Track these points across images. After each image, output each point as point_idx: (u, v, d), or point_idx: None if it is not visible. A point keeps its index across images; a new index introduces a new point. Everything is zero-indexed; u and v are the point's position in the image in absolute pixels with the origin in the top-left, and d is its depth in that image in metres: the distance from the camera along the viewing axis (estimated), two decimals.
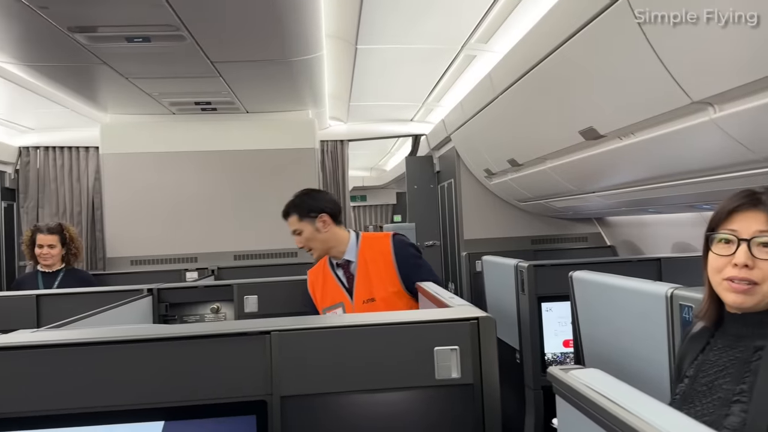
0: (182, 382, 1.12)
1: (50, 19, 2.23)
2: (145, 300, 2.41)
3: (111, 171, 4.43)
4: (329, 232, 2.25)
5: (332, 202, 2.35)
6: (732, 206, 1.20)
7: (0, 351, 1.10)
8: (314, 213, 2.26)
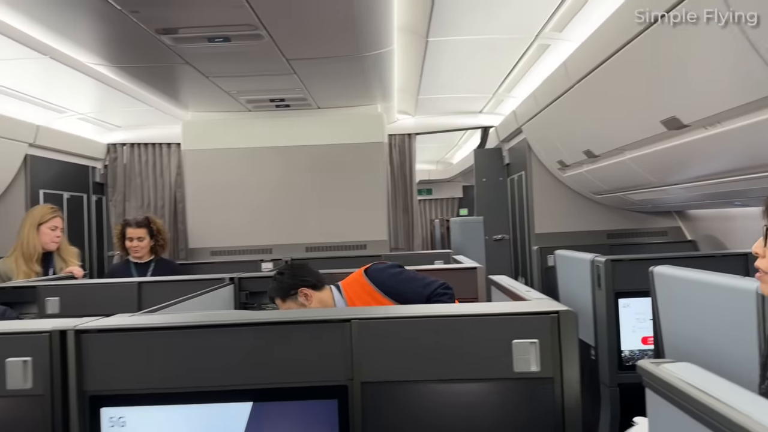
0: (269, 366, 1.18)
1: (140, 22, 2.37)
2: (227, 288, 2.53)
3: (192, 166, 4.65)
4: (315, 301, 2.21)
5: (307, 274, 2.28)
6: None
7: (104, 333, 1.20)
8: (293, 291, 2.22)
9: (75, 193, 4.82)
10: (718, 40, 1.81)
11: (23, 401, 1.17)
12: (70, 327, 1.18)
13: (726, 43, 1.77)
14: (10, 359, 1.16)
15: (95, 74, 3.37)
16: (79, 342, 1.18)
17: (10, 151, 3.93)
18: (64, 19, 2.47)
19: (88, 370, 1.18)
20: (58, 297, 2.48)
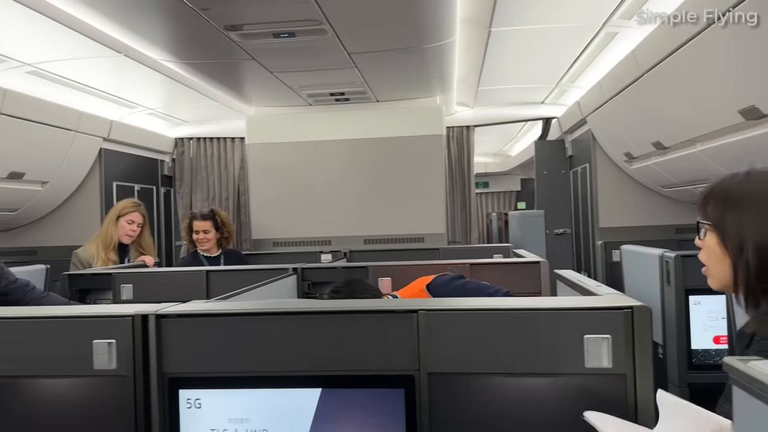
0: (338, 354, 1.20)
1: (209, 19, 2.45)
2: (291, 278, 2.59)
3: (255, 160, 4.78)
4: None
5: (364, 290, 2.09)
6: None
7: (183, 318, 1.25)
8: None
9: (145, 185, 5.05)
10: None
11: (109, 381, 1.24)
12: (151, 312, 1.24)
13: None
14: (96, 341, 1.23)
15: (165, 70, 3.51)
16: (159, 326, 1.23)
17: (87, 145, 4.15)
18: (139, 17, 2.59)
19: (167, 353, 1.24)
20: (131, 284, 2.60)
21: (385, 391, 1.20)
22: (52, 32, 2.71)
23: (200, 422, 1.22)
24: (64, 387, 1.26)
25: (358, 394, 1.20)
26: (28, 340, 1.26)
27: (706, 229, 1.25)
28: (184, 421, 1.22)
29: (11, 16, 2.55)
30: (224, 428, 1.21)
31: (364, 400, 1.20)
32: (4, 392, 1.27)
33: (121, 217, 3.17)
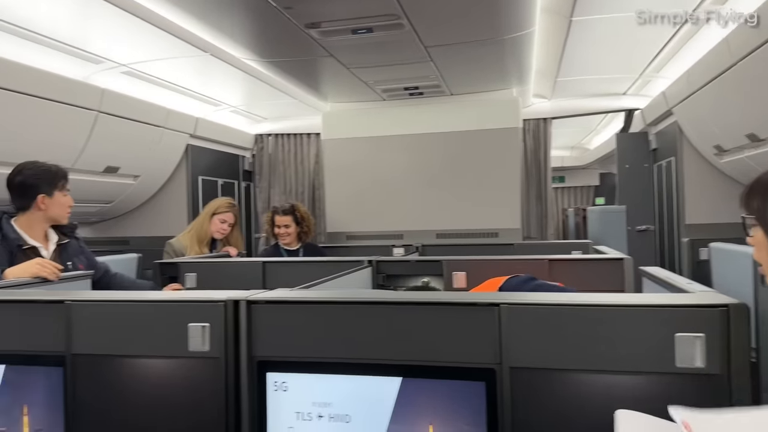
0: (419, 344, 1.21)
1: (291, 17, 2.53)
2: (365, 270, 2.63)
3: (330, 155, 4.88)
4: None
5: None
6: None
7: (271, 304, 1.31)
8: None
9: (227, 179, 5.28)
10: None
11: (203, 362, 1.31)
12: (242, 298, 1.30)
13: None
14: (191, 324, 1.31)
15: (247, 69, 3.65)
16: (249, 311, 1.30)
17: (175, 141, 4.39)
18: (225, 17, 2.70)
19: (256, 337, 1.30)
20: (195, 273, 2.70)
21: (465, 383, 1.20)
22: (145, 34, 2.88)
23: (286, 404, 1.27)
24: (163, 367, 1.35)
25: (439, 384, 1.22)
26: (130, 322, 1.36)
27: (752, 224, 1.21)
28: (271, 402, 1.28)
29: (109, 20, 2.74)
30: (308, 411, 1.26)
31: (444, 391, 1.22)
32: (109, 370, 1.37)
33: (216, 215, 3.32)
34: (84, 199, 4.00)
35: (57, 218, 2.27)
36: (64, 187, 2.28)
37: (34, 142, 3.11)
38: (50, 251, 2.23)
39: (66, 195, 2.29)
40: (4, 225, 2.14)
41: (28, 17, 2.61)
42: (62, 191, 2.27)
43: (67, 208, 2.29)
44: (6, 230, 2.13)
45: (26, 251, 2.13)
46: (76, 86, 3.24)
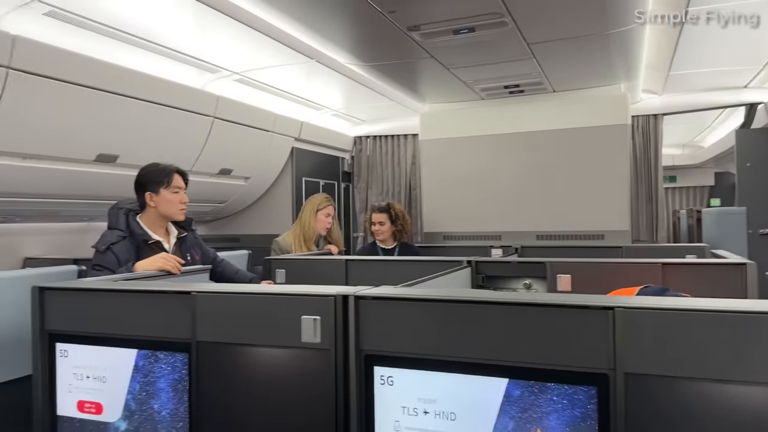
0: (526, 345, 1.20)
1: (394, 20, 2.58)
2: (465, 271, 2.62)
3: (428, 155, 4.90)
4: None
5: None
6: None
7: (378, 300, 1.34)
8: None
9: (328, 180, 5.46)
10: None
11: (314, 353, 1.38)
12: (351, 293, 1.35)
13: None
14: (304, 316, 1.38)
15: (348, 73, 3.76)
16: (357, 306, 1.34)
17: (282, 144, 4.61)
18: (330, 24, 2.80)
19: (364, 331, 1.34)
20: (284, 269, 2.80)
21: (575, 388, 1.17)
22: (257, 43, 3.05)
23: (392, 398, 1.30)
24: (278, 356, 1.43)
25: (547, 388, 1.19)
26: (249, 313, 1.45)
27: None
28: (378, 396, 1.32)
29: (225, 31, 2.93)
30: (414, 407, 1.28)
31: (552, 395, 1.19)
32: (229, 357, 1.47)
33: (320, 211, 3.45)
34: (200, 199, 4.31)
35: (168, 215, 2.39)
36: (170, 185, 2.37)
37: (159, 146, 3.39)
38: (171, 245, 2.42)
39: (176, 192, 2.38)
40: (130, 222, 2.33)
41: (154, 31, 2.85)
42: (169, 189, 2.36)
43: (177, 205, 2.39)
44: (132, 227, 2.32)
45: (151, 245, 2.31)
46: (195, 94, 3.50)
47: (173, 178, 2.38)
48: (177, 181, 2.39)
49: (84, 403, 1.65)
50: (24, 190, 2.89)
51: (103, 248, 2.21)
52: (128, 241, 2.27)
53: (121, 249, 2.22)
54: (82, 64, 2.71)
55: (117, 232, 2.28)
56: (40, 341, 1.68)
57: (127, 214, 2.35)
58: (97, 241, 2.28)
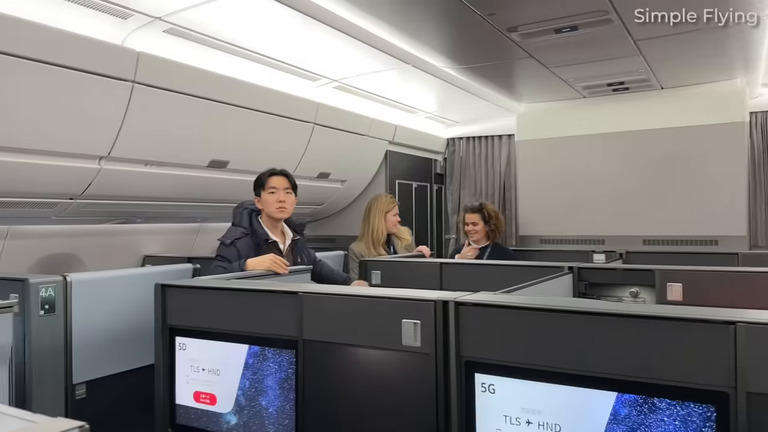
0: (638, 359, 1.15)
1: (493, 23, 2.56)
2: (566, 277, 2.54)
3: (525, 156, 4.79)
4: None
5: None
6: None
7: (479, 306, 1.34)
8: None
9: (421, 182, 5.49)
10: None
11: (414, 356, 1.40)
12: (451, 299, 1.36)
13: None
14: (405, 320, 1.40)
15: (443, 76, 3.76)
16: (457, 312, 1.35)
17: (376, 147, 4.69)
18: (427, 29, 2.83)
19: (464, 337, 1.34)
20: (379, 271, 2.83)
21: (690, 406, 1.11)
22: (355, 51, 3.13)
23: (494, 407, 1.30)
24: (379, 357, 1.47)
25: (657, 407, 1.14)
26: (352, 315, 1.50)
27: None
28: (479, 403, 1.31)
29: (325, 41, 3.03)
30: (516, 416, 1.27)
31: (663, 415, 1.14)
32: (333, 355, 1.53)
33: (388, 213, 3.51)
34: (300, 202, 4.47)
35: (269, 215, 2.54)
36: (267, 187, 2.53)
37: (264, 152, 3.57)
38: (286, 246, 2.56)
39: (272, 193, 2.53)
40: (253, 221, 2.52)
41: (260, 43, 3.01)
42: (266, 190, 2.53)
43: (273, 204, 2.52)
44: (255, 226, 2.50)
45: (270, 244, 2.48)
46: (297, 102, 3.65)
47: (268, 180, 2.55)
48: (271, 182, 2.54)
49: (200, 394, 1.77)
50: (145, 194, 3.15)
51: (228, 242, 2.42)
52: (250, 238, 2.46)
53: (243, 245, 2.42)
54: (196, 77, 2.92)
55: (241, 229, 2.48)
56: (162, 335, 1.83)
57: (251, 214, 2.54)
58: (223, 235, 2.49)
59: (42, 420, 0.61)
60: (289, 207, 2.57)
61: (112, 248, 3.54)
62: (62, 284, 2.15)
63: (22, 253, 3.07)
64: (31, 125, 2.42)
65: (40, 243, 3.16)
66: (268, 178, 2.56)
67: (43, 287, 2.10)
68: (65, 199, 2.83)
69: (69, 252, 3.28)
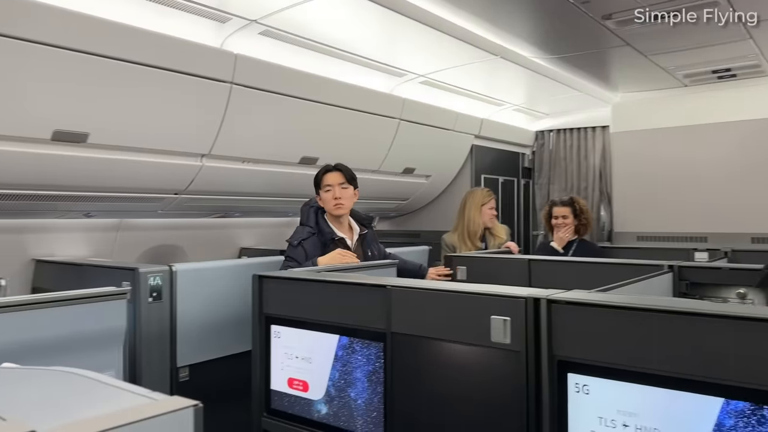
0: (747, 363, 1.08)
1: (587, 11, 2.46)
2: (665, 276, 2.40)
3: (620, 149, 4.59)
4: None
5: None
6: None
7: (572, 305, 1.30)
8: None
9: (507, 177, 5.39)
10: None
11: (503, 353, 1.38)
12: (543, 296, 1.33)
13: None
14: (493, 316, 1.39)
15: (533, 66, 3.67)
16: (550, 310, 1.32)
17: (462, 142, 4.66)
18: (517, 19, 2.77)
19: (556, 336, 1.31)
20: (465, 266, 2.78)
21: None
22: (443, 45, 3.12)
23: (588, 408, 1.26)
24: (466, 353, 1.46)
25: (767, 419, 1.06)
26: (439, 309, 1.51)
27: None
28: (572, 404, 1.28)
29: (412, 36, 3.04)
30: (612, 418, 1.22)
31: None
32: (420, 349, 1.54)
33: (484, 206, 3.46)
34: (385, 197, 4.55)
35: (329, 212, 2.54)
36: (322, 185, 2.53)
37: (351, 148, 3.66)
38: (354, 241, 2.57)
39: (327, 190, 2.52)
40: (319, 219, 2.53)
41: (349, 42, 3.07)
42: (323, 188, 2.53)
43: (329, 201, 2.51)
44: (321, 224, 2.51)
45: (336, 242, 2.49)
46: (384, 98, 3.70)
47: (323, 179, 2.54)
48: (326, 179, 2.54)
49: (293, 380, 1.85)
50: (242, 189, 3.31)
51: (296, 243, 2.45)
52: (317, 237, 2.47)
53: (310, 245, 2.43)
54: (289, 76, 3.03)
55: (307, 229, 2.50)
56: (258, 323, 1.92)
57: (317, 212, 2.55)
58: (291, 236, 2.53)
59: (161, 398, 0.66)
60: (347, 201, 2.54)
61: (212, 240, 3.76)
62: (168, 273, 2.32)
63: (132, 244, 3.33)
64: (140, 126, 2.62)
65: (147, 235, 3.41)
66: (323, 176, 2.56)
67: (152, 276, 2.27)
68: (170, 194, 3.04)
69: (173, 243, 3.52)
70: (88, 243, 3.13)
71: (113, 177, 2.70)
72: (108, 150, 2.58)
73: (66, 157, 2.45)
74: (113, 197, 2.83)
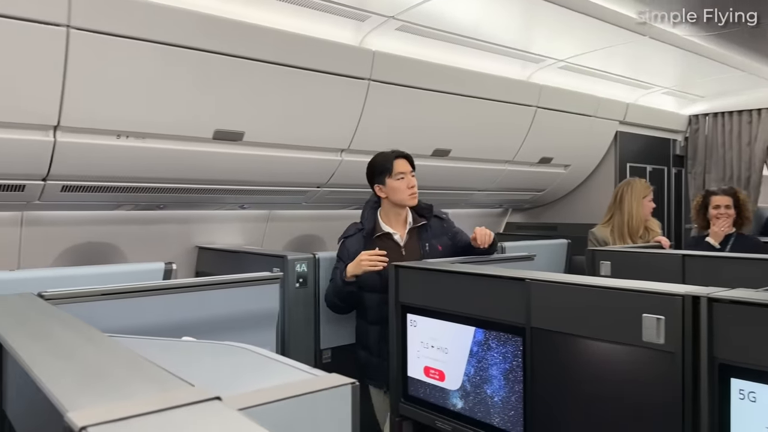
0: None
1: None
2: None
3: None
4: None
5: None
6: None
7: (737, 304, 1.19)
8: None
9: (656, 165, 4.99)
10: None
11: (656, 354, 1.30)
12: (703, 294, 1.23)
13: None
14: (646, 315, 1.31)
15: (687, 45, 3.36)
16: (710, 309, 1.21)
17: (604, 128, 4.40)
18: None
19: (718, 337, 1.21)
20: (609, 261, 2.59)
21: None
22: (583, 27, 2.97)
23: (753, 417, 1.15)
24: (613, 352, 1.39)
25: None
26: (584, 305, 1.45)
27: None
28: (735, 412, 1.18)
29: (551, 20, 2.93)
30: None
31: None
32: (562, 346, 1.50)
33: (645, 198, 3.19)
34: (520, 188, 4.43)
35: (399, 202, 2.30)
36: (393, 172, 2.28)
37: (484, 139, 3.61)
38: (404, 235, 2.32)
39: (401, 178, 2.27)
40: (368, 215, 2.34)
41: (484, 31, 3.03)
42: (393, 177, 2.27)
43: (405, 191, 2.28)
44: (367, 219, 2.33)
45: (380, 237, 2.30)
46: (519, 86, 3.61)
47: (394, 165, 2.28)
48: (399, 166, 2.29)
49: (429, 369, 1.89)
50: None
51: (341, 240, 2.36)
52: (362, 234, 2.31)
53: (352, 242, 2.30)
54: (423, 70, 3.07)
55: (357, 225, 2.36)
56: (396, 311, 1.99)
57: (372, 207, 2.37)
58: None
59: (321, 374, 0.72)
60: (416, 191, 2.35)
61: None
62: (312, 261, 2.48)
63: (279, 233, 3.58)
64: (288, 124, 2.81)
65: (292, 225, 3.65)
66: (395, 161, 2.29)
67: (298, 263, 2.43)
68: (313, 188, 3.23)
69: (314, 233, 3.73)
70: (242, 232, 3.42)
71: (265, 172, 2.93)
72: (260, 147, 2.80)
73: (225, 154, 2.70)
74: (265, 190, 3.07)
